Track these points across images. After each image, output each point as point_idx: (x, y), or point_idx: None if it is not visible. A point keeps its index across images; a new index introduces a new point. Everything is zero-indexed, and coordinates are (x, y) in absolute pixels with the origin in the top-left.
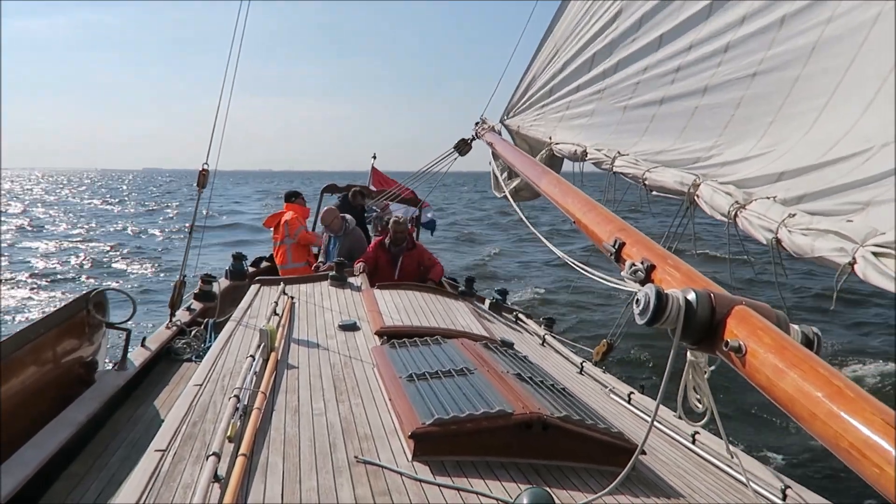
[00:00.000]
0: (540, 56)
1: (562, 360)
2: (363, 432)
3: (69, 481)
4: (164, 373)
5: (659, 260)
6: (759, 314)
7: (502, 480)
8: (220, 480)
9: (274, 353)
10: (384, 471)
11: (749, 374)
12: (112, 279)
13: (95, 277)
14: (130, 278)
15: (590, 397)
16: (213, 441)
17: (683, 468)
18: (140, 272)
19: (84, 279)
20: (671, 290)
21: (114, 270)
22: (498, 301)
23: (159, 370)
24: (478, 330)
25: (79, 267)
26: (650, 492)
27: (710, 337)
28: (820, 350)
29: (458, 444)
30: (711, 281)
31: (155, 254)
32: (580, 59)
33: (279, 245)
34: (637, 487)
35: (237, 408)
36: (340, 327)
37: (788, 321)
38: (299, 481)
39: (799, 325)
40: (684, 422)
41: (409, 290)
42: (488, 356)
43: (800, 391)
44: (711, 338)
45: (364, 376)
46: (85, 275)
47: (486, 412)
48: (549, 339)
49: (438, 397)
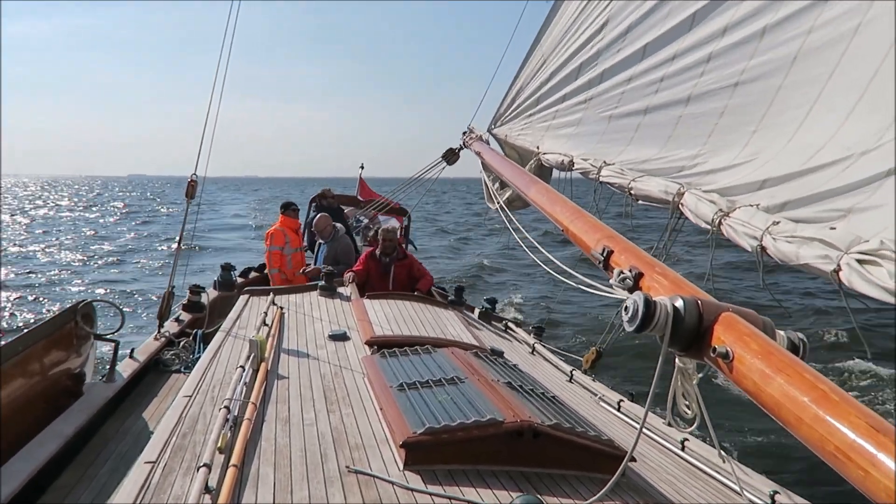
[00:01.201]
0: (528, 66)
1: (551, 369)
2: (354, 442)
3: (58, 493)
4: (152, 384)
5: (647, 268)
6: (745, 320)
7: (493, 489)
8: (211, 492)
9: (264, 364)
10: (375, 480)
11: (736, 380)
12: (99, 290)
13: (83, 288)
14: (118, 289)
15: (579, 405)
16: (203, 452)
17: (673, 474)
18: (127, 283)
19: (72, 290)
20: (659, 297)
21: (100, 281)
22: (487, 310)
23: (148, 381)
24: (468, 339)
25: (64, 278)
26: (640, 498)
27: (698, 343)
28: (805, 355)
29: (449, 453)
30: (699, 288)
31: (141, 265)
32: (567, 68)
33: (282, 253)
34: (627, 494)
35: (227, 419)
36: (330, 337)
37: (774, 327)
38: (290, 492)
39: (785, 331)
40: (675, 428)
41: (398, 300)
42: (478, 365)
43: (786, 396)
44: (699, 344)
45: (354, 386)
46: (72, 286)
47: (477, 420)
48: (539, 347)
49: (429, 406)
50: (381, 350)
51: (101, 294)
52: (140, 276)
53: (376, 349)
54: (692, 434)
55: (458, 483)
